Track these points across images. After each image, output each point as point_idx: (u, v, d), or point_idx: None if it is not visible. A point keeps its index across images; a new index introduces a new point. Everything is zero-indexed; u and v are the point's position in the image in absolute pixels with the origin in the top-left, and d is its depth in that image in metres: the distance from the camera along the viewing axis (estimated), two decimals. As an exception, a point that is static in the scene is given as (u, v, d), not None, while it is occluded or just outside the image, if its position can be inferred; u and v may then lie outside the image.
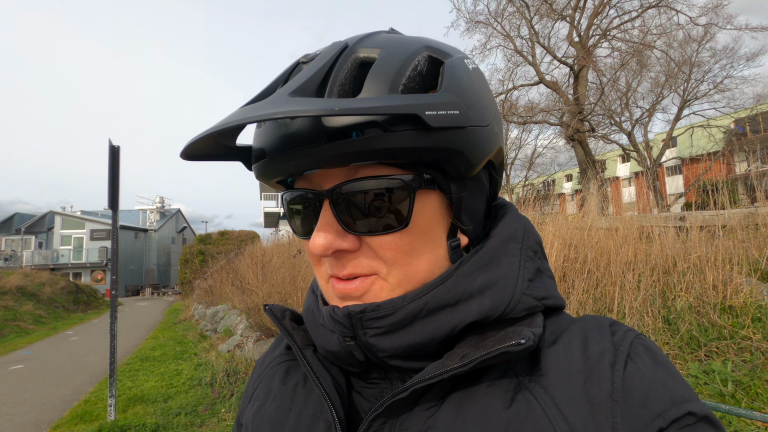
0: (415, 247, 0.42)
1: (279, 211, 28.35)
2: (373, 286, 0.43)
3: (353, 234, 0.42)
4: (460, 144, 0.40)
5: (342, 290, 0.43)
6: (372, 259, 0.42)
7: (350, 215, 0.41)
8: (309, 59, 0.44)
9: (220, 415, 4.44)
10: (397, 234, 0.41)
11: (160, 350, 8.75)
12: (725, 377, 2.27)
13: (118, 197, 4.96)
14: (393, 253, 0.42)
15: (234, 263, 12.76)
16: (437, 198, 0.43)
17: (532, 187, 15.60)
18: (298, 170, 0.41)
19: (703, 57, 15.69)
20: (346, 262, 0.43)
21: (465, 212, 0.45)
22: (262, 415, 0.52)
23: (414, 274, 0.43)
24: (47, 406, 5.62)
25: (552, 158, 23.19)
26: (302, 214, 0.45)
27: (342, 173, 0.42)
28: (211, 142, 0.42)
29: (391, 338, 0.42)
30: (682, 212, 4.46)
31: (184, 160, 0.42)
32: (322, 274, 0.47)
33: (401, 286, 0.43)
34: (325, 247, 0.41)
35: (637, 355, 0.40)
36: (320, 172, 0.43)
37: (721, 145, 17.07)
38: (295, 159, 0.39)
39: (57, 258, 34.13)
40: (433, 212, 0.43)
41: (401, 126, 0.37)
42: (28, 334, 13.21)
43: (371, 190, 0.40)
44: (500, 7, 15.09)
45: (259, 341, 6.07)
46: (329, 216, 0.42)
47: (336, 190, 0.41)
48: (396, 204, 0.41)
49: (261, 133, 0.43)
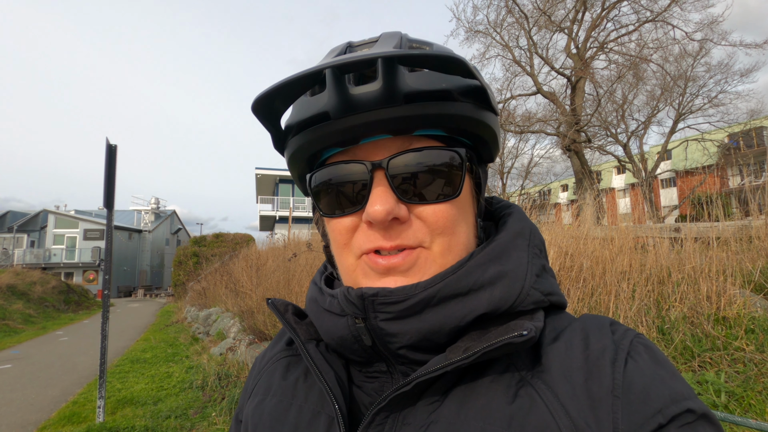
0: (458, 219, 0.45)
1: (275, 215, 28.28)
2: (419, 259, 0.44)
3: (407, 203, 0.43)
4: (496, 128, 0.46)
5: (386, 265, 0.43)
6: (419, 230, 0.44)
7: (406, 184, 0.43)
8: (362, 43, 0.47)
9: (211, 418, 4.39)
10: (449, 204, 0.44)
11: (151, 352, 8.65)
12: (718, 388, 2.27)
13: (114, 196, 4.93)
14: (443, 222, 0.44)
15: (228, 266, 12.66)
16: (469, 178, 0.47)
17: (528, 196, 15.67)
18: (365, 132, 0.42)
19: (698, 72, 15.92)
20: (394, 234, 0.43)
21: (482, 197, 0.49)
22: (263, 410, 0.52)
23: (455, 245, 0.45)
24: (34, 406, 5.53)
25: (548, 168, 23.43)
26: (343, 188, 0.45)
27: (395, 146, 0.44)
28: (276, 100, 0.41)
29: (400, 323, 0.43)
30: (677, 224, 4.50)
31: (254, 111, 0.42)
32: (353, 249, 0.46)
33: (443, 256, 0.44)
34: (387, 212, 0.41)
35: (637, 353, 0.41)
36: (369, 145, 0.44)
37: (715, 159, 17.25)
38: (364, 120, 0.41)
39: (49, 257, 33.74)
40: (469, 190, 0.47)
41: (467, 98, 0.43)
42: (17, 333, 13.02)
43: (427, 160, 0.43)
44: (499, 17, 15.26)
45: (251, 344, 6.02)
46: (385, 185, 0.43)
47: (393, 159, 0.43)
48: (449, 175, 0.43)
49: (320, 98, 0.42)
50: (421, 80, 0.41)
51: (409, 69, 0.41)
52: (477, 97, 0.43)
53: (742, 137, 20.31)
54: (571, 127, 14.26)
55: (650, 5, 14.00)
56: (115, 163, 4.91)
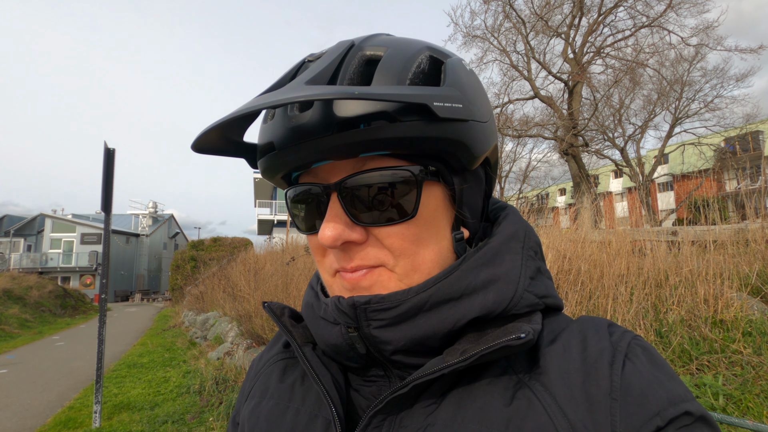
0: (421, 238, 0.43)
1: (273, 219, 28.24)
2: (381, 276, 0.43)
3: (361, 225, 0.42)
4: (463, 136, 0.41)
5: (350, 281, 0.43)
6: (379, 251, 0.43)
7: (358, 207, 0.42)
8: (315, 57, 0.45)
9: (208, 423, 4.36)
10: (405, 224, 0.42)
11: (148, 357, 8.60)
12: (716, 391, 2.27)
13: (112, 200, 4.92)
14: (400, 243, 0.42)
15: (226, 270, 12.62)
16: (441, 190, 0.44)
17: (526, 200, 15.69)
18: (308, 161, 0.41)
19: (694, 76, 16.04)
20: (353, 254, 0.43)
21: (466, 205, 0.46)
22: (259, 413, 0.52)
23: (420, 264, 0.43)
24: (30, 412, 5.48)
25: (546, 172, 23.43)
26: (307, 208, 0.46)
27: (349, 166, 0.42)
28: (220, 135, 0.42)
29: (393, 330, 0.42)
30: (674, 227, 4.51)
31: (195, 152, 0.42)
32: (326, 268, 0.47)
33: (408, 276, 0.43)
34: (335, 238, 0.41)
35: (635, 355, 0.41)
36: (326, 166, 0.43)
37: (711, 163, 17.33)
38: (305, 150, 0.40)
39: (46, 261, 33.59)
40: (438, 204, 0.44)
41: (410, 116, 0.39)
42: (13, 338, 12.93)
43: (379, 181, 0.41)
44: (497, 22, 15.36)
45: (249, 349, 5.99)
46: (337, 208, 0.42)
47: (344, 182, 0.42)
48: (403, 195, 0.41)
49: (269, 127, 0.43)
50: (355, 104, 0.38)
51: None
52: (424, 113, 0.38)
53: (738, 141, 20.43)
54: (568, 131, 14.33)
55: (646, 10, 14.14)
56: (113, 167, 4.90)
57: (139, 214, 42.89)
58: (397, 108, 0.38)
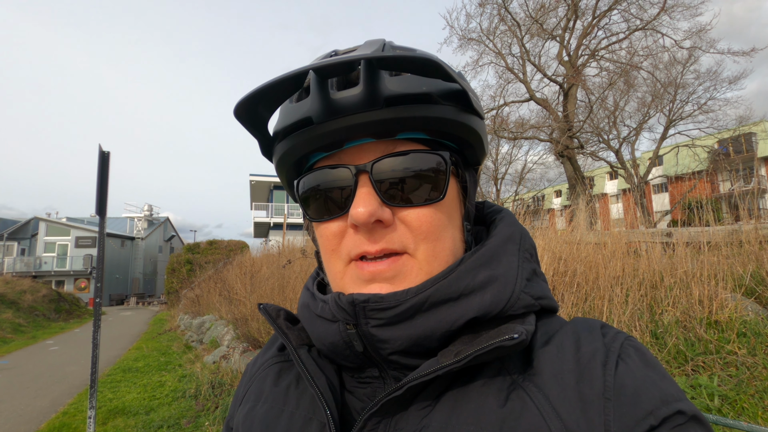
0: (443, 223, 0.45)
1: (269, 222, 28.19)
2: (404, 266, 0.43)
3: (392, 206, 0.43)
4: (481, 131, 0.47)
5: (372, 271, 0.43)
6: (403, 234, 0.44)
7: (390, 188, 0.43)
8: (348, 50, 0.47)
9: (204, 428, 4.33)
10: (432, 207, 0.44)
11: (144, 361, 8.54)
12: (712, 392, 2.28)
13: (107, 204, 4.89)
14: (427, 226, 0.44)
15: (222, 273, 12.57)
16: (456, 183, 0.48)
17: (522, 202, 15.75)
18: (349, 136, 0.42)
19: (687, 79, 16.17)
20: (378, 237, 0.43)
21: (469, 201, 0.49)
22: (254, 417, 0.52)
23: (440, 251, 0.44)
24: (23, 417, 5.43)
25: (542, 174, 23.50)
26: (328, 192, 0.45)
27: (379, 149, 0.44)
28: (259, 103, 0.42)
29: (391, 330, 0.43)
30: (669, 228, 4.54)
31: (236, 116, 0.42)
32: (341, 255, 0.46)
33: (429, 263, 0.44)
34: (370, 213, 0.41)
35: (628, 355, 0.41)
36: (353, 149, 0.44)
37: (705, 165, 17.47)
38: (347, 123, 0.41)
39: (40, 265, 33.28)
40: (455, 194, 0.47)
41: (448, 101, 0.43)
42: (6, 343, 12.79)
43: (411, 164, 0.43)
44: (492, 25, 15.41)
45: (245, 352, 5.96)
46: (369, 188, 0.43)
47: (376, 163, 0.43)
48: (434, 178, 0.44)
49: (303, 104, 0.43)
50: (402, 84, 0.41)
51: (390, 73, 0.42)
52: (459, 100, 0.44)
53: (731, 143, 20.62)
54: (563, 133, 14.39)
55: (640, 14, 14.23)
56: (107, 170, 4.87)
57: (134, 217, 42.66)
58: (440, 91, 0.42)
